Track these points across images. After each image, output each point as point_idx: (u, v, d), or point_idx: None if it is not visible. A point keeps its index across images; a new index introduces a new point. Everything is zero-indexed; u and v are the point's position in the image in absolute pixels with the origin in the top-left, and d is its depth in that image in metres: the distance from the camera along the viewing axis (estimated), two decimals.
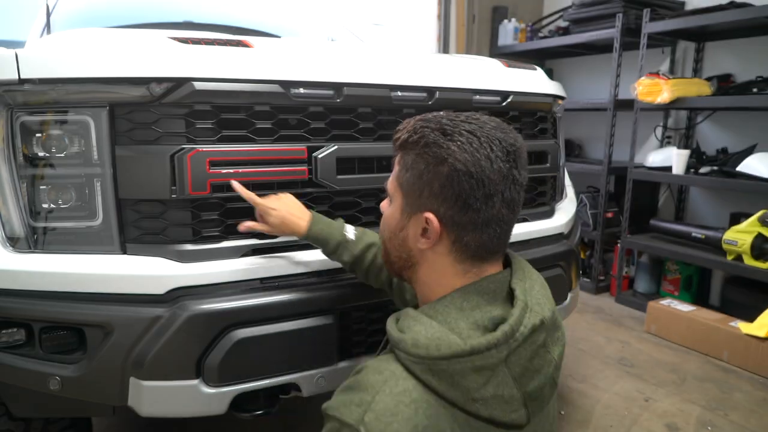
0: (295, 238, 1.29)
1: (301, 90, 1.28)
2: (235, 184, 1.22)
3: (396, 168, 0.94)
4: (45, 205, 1.19)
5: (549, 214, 1.83)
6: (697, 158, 3.30)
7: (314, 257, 1.35)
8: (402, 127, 0.93)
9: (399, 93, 1.41)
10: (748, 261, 2.77)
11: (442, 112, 0.92)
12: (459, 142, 0.85)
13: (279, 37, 2.65)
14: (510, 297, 0.89)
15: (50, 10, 2.21)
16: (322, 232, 1.25)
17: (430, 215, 0.87)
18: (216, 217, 1.25)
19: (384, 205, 1.01)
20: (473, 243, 0.87)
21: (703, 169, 3.14)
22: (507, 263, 0.97)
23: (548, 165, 1.76)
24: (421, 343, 0.80)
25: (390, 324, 0.88)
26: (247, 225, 1.25)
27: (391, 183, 0.96)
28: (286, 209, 1.24)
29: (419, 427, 0.76)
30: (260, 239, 1.30)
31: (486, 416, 0.80)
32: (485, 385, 0.79)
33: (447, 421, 0.78)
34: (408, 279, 0.98)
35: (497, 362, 0.80)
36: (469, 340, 0.79)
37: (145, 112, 1.18)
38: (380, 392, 0.78)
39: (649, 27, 3.24)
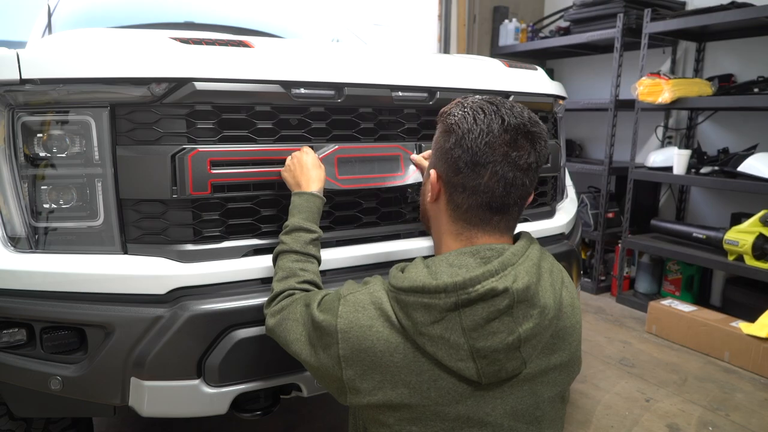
0: None
1: (302, 90, 1.28)
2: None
3: None
4: (46, 205, 1.19)
5: (550, 214, 1.83)
6: (698, 158, 3.30)
7: None
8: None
9: (400, 93, 1.41)
10: (750, 261, 2.77)
11: (486, 96, 1.03)
12: (466, 114, 0.98)
13: (281, 38, 2.65)
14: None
15: (51, 11, 2.21)
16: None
17: (432, 171, 1.03)
18: (217, 217, 1.25)
19: None
20: (463, 205, 0.99)
21: (704, 170, 3.13)
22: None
23: (549, 165, 1.76)
24: (399, 276, 0.96)
25: (396, 265, 1.03)
26: (415, 157, 1.43)
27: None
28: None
29: (373, 329, 0.93)
30: (261, 239, 1.30)
31: (431, 352, 0.90)
32: (433, 323, 0.90)
33: (396, 341, 0.92)
34: (428, 230, 1.14)
35: (445, 306, 0.89)
36: (425, 279, 0.91)
37: (146, 112, 1.18)
38: (366, 290, 0.98)
39: (650, 27, 3.23)
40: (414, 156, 1.44)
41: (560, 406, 1.03)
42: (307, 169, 1.24)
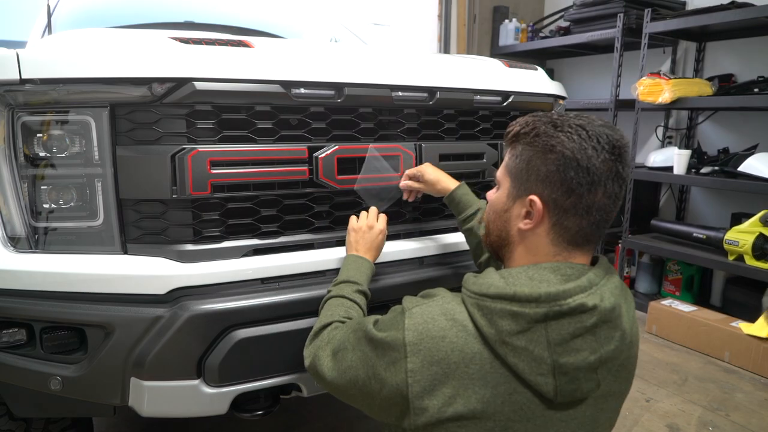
0: (298, 238, 1.28)
1: (302, 90, 1.28)
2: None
3: (506, 158, 1.04)
4: (46, 205, 1.19)
5: None
6: (699, 158, 3.30)
7: (315, 257, 1.35)
8: (515, 122, 1.03)
9: (400, 93, 1.41)
10: (750, 261, 2.77)
11: (554, 112, 1.00)
12: (568, 133, 0.93)
13: (281, 38, 2.65)
14: None
15: (51, 11, 2.21)
16: (466, 196, 1.42)
17: (534, 198, 0.95)
18: (217, 217, 1.25)
19: (491, 193, 1.11)
20: (574, 227, 0.95)
21: (704, 170, 3.13)
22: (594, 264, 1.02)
23: None
24: (479, 282, 0.93)
25: (468, 274, 1.00)
26: (405, 183, 1.44)
27: (500, 171, 1.06)
28: (440, 172, 1.42)
29: (446, 339, 0.89)
30: (261, 240, 1.30)
31: (511, 363, 0.87)
32: (518, 333, 0.86)
33: (473, 351, 0.88)
34: (502, 257, 1.08)
35: (534, 317, 0.86)
36: (516, 288, 0.88)
37: (146, 112, 1.18)
38: (433, 303, 0.95)
39: (650, 27, 3.23)
40: (409, 171, 1.44)
41: None
42: (371, 238, 1.30)
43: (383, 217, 1.37)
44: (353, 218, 1.36)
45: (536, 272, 0.92)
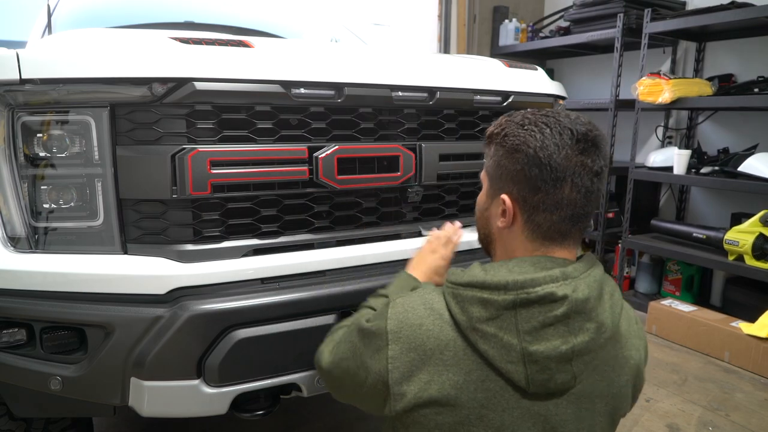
0: (298, 238, 1.29)
1: (302, 90, 1.28)
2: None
3: (485, 159, 1.07)
4: (46, 205, 1.19)
5: None
6: (699, 158, 3.30)
7: (315, 257, 1.35)
8: (493, 124, 1.05)
9: (400, 93, 1.41)
10: (750, 261, 2.77)
11: (529, 110, 1.01)
12: (531, 131, 0.96)
13: (281, 38, 2.65)
14: None
15: (51, 11, 2.21)
16: None
17: (505, 197, 0.98)
18: (217, 218, 1.25)
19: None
20: (546, 223, 0.96)
21: (704, 170, 3.13)
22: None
23: None
24: (457, 273, 0.96)
25: (452, 267, 1.03)
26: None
27: (482, 173, 1.09)
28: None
29: (423, 327, 0.93)
30: (261, 239, 1.30)
31: (482, 350, 0.89)
32: (488, 320, 0.89)
33: (447, 338, 0.92)
34: (492, 255, 1.11)
35: (503, 304, 0.88)
36: (485, 275, 0.91)
37: (146, 112, 1.18)
38: (416, 294, 1.00)
39: (650, 27, 3.23)
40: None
41: None
42: (431, 259, 1.27)
43: (455, 239, 1.32)
44: (435, 230, 1.35)
45: (516, 265, 0.95)
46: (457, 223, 1.37)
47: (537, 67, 1.81)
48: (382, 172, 1.41)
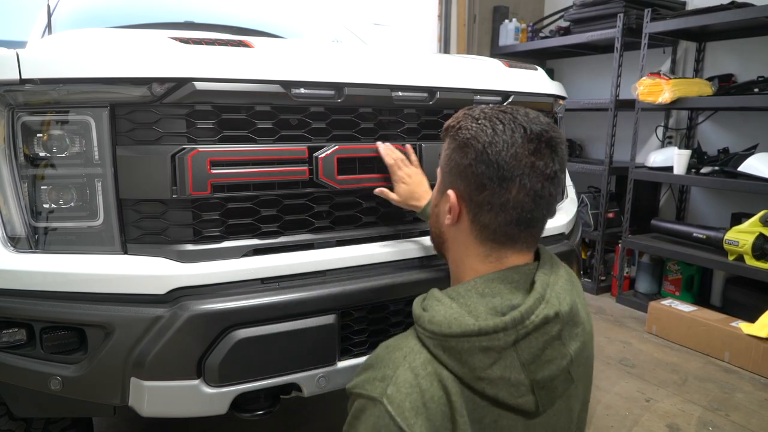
0: (298, 238, 1.28)
1: (302, 90, 1.28)
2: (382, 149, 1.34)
3: (441, 152, 1.02)
4: (46, 205, 1.19)
5: None
6: (699, 158, 3.30)
7: (315, 258, 1.35)
8: (452, 117, 1.01)
9: (400, 93, 1.41)
10: (750, 261, 2.77)
11: (491, 105, 0.98)
12: (483, 126, 0.91)
13: (282, 38, 2.65)
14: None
15: (51, 11, 2.21)
16: None
17: (451, 192, 0.94)
18: (217, 218, 1.25)
19: None
20: (491, 225, 0.92)
21: (704, 170, 3.13)
22: (538, 258, 1.00)
23: None
24: (436, 320, 0.86)
25: (416, 303, 0.94)
26: (379, 190, 1.37)
27: (438, 167, 1.04)
28: (414, 185, 1.35)
29: (435, 397, 0.82)
30: (261, 240, 1.30)
31: (491, 395, 0.84)
32: (492, 365, 0.83)
33: (456, 394, 0.83)
34: (444, 256, 1.06)
35: (504, 345, 0.83)
36: (480, 321, 0.83)
37: (146, 112, 1.18)
38: (401, 366, 0.85)
39: (650, 27, 3.23)
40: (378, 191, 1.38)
41: (584, 416, 1.01)
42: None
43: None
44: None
45: (485, 286, 0.89)
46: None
47: (537, 67, 1.81)
48: (383, 172, 1.41)
